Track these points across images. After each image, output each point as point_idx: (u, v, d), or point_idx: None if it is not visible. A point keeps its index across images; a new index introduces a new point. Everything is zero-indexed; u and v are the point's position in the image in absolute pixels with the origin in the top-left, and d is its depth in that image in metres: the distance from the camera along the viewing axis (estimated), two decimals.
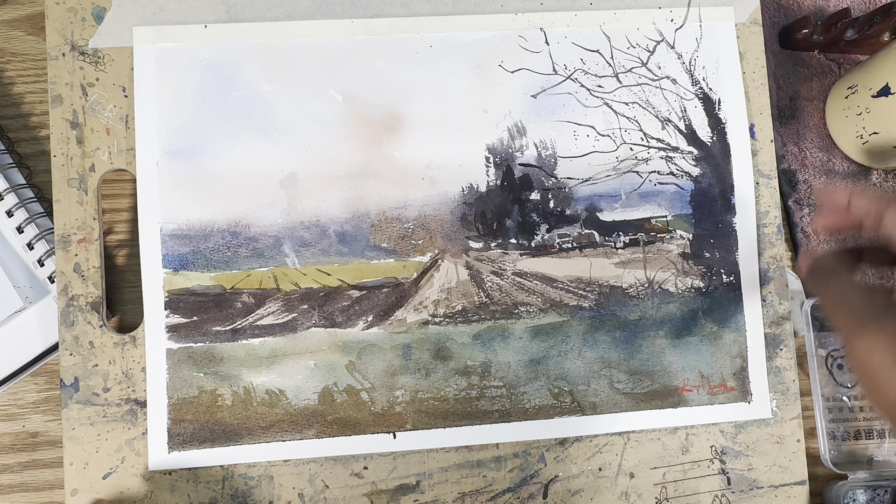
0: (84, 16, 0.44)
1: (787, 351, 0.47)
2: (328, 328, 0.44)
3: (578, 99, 0.47)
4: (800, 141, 0.51)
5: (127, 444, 0.43)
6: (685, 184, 0.47)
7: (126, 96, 0.44)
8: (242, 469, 0.43)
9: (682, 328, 0.46)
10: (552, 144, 0.47)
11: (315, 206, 0.45)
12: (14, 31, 0.47)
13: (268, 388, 0.44)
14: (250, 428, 0.43)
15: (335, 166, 0.45)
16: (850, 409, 0.48)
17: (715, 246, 0.47)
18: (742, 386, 0.46)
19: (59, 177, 0.44)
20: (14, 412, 0.45)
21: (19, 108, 0.47)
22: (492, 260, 0.46)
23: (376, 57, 0.46)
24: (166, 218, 0.44)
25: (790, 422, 0.46)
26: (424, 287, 0.45)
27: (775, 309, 0.47)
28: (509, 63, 0.47)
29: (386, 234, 0.45)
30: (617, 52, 0.47)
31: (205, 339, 0.44)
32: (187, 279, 0.44)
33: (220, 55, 0.45)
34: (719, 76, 0.48)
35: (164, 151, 0.44)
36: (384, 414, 0.44)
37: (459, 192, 0.46)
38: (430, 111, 0.46)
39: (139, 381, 0.43)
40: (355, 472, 0.44)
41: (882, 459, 0.48)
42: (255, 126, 0.45)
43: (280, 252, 0.45)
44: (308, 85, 0.45)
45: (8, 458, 0.45)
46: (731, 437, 0.46)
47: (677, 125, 0.47)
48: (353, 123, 0.46)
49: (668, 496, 0.45)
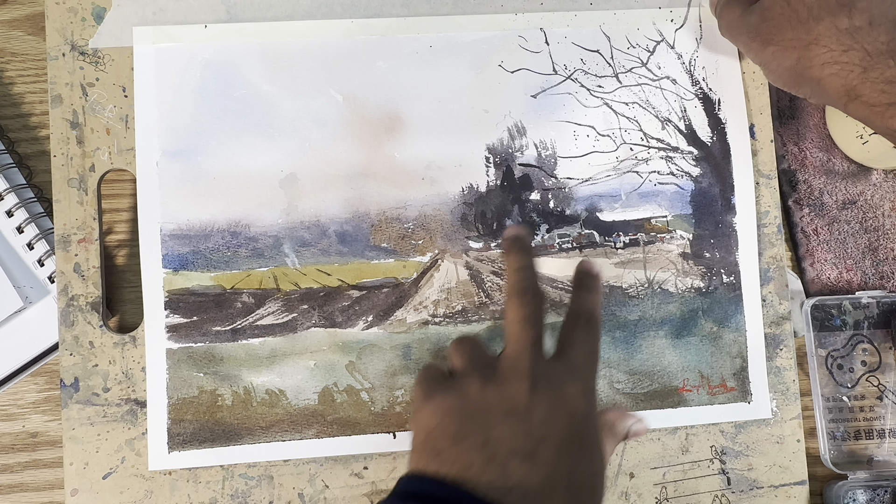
0: (84, 16, 0.44)
1: (787, 351, 0.47)
2: (328, 328, 0.44)
3: (578, 99, 0.47)
4: (800, 141, 0.51)
5: (127, 444, 0.43)
6: (685, 184, 0.47)
7: (126, 96, 0.44)
8: (242, 469, 0.43)
9: (682, 328, 0.46)
10: (552, 144, 0.47)
11: (315, 206, 0.45)
12: (14, 31, 0.48)
13: (268, 388, 0.44)
14: (250, 428, 0.43)
15: (335, 166, 0.45)
16: (850, 409, 0.48)
17: (715, 246, 0.47)
18: (742, 386, 0.46)
19: (59, 177, 0.44)
20: (14, 412, 0.45)
21: (19, 108, 0.47)
22: (492, 260, 0.46)
23: (376, 57, 0.46)
24: (166, 218, 0.44)
25: (790, 422, 0.46)
26: (424, 287, 0.45)
27: (775, 309, 0.47)
28: (509, 63, 0.47)
29: (386, 234, 0.45)
30: (617, 52, 0.47)
31: (205, 339, 0.44)
32: (187, 279, 0.44)
33: (219, 55, 0.45)
34: (719, 76, 0.48)
35: (164, 151, 0.44)
36: (384, 414, 0.44)
37: (459, 192, 0.46)
38: (430, 111, 0.46)
39: (139, 381, 0.43)
40: (355, 472, 0.44)
41: (882, 459, 0.48)
42: (255, 126, 0.45)
43: (280, 252, 0.45)
44: (308, 85, 0.45)
45: (8, 458, 0.45)
46: (731, 437, 0.46)
47: (677, 125, 0.47)
48: (353, 123, 0.46)
49: (668, 496, 0.45)
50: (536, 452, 0.30)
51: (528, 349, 0.33)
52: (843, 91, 0.36)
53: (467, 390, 0.32)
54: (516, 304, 0.34)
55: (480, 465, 0.29)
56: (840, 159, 0.51)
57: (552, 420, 0.31)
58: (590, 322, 0.36)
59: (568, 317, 0.36)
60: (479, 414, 0.31)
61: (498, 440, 0.30)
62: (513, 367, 0.32)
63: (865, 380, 0.48)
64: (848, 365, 0.48)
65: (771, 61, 0.39)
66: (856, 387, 0.48)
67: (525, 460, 0.29)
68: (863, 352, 0.49)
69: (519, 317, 0.34)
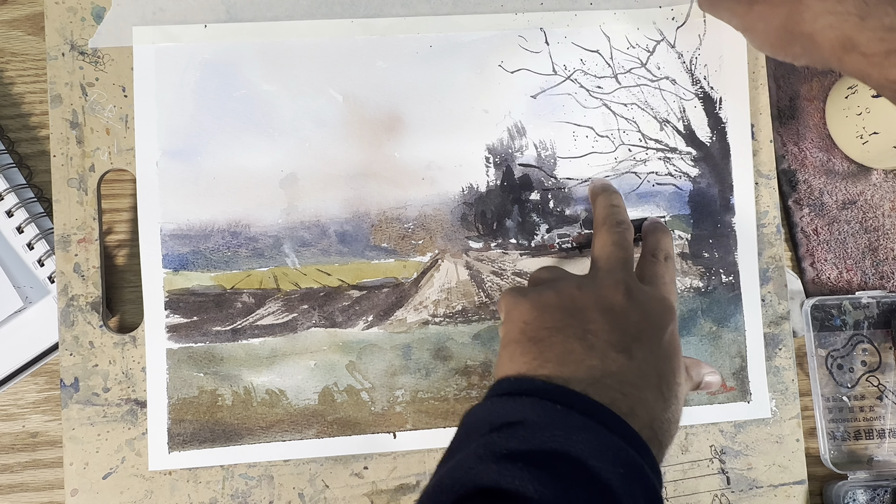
0: (84, 16, 0.44)
1: (786, 351, 0.47)
2: (328, 328, 0.44)
3: (578, 100, 0.47)
4: (800, 141, 0.51)
5: (127, 444, 0.43)
6: (683, 184, 0.47)
7: (126, 96, 0.44)
8: (242, 469, 0.43)
9: (682, 328, 0.46)
10: (552, 145, 0.47)
11: (315, 206, 0.45)
12: (14, 31, 0.48)
13: (268, 388, 0.44)
14: (250, 428, 0.43)
15: (335, 166, 0.45)
16: (850, 409, 0.48)
17: (714, 246, 0.47)
18: (741, 386, 0.46)
19: (59, 177, 0.44)
20: (14, 412, 0.45)
21: (19, 108, 0.47)
22: (492, 260, 0.46)
23: (376, 57, 0.46)
24: (166, 218, 0.44)
25: (789, 421, 0.46)
26: (424, 287, 0.45)
27: (774, 309, 0.47)
28: (509, 63, 0.47)
29: (386, 234, 0.45)
30: (616, 53, 0.47)
31: (205, 339, 0.44)
32: (187, 279, 0.44)
33: (219, 55, 0.45)
34: (722, 73, 0.48)
35: (164, 151, 0.44)
36: (384, 414, 0.44)
37: (459, 192, 0.46)
38: (430, 111, 0.46)
39: (139, 381, 0.43)
40: (355, 472, 0.44)
41: (882, 459, 0.48)
42: (255, 126, 0.45)
43: (280, 252, 0.45)
44: (308, 85, 0.45)
45: (8, 458, 0.45)
46: (730, 436, 0.46)
47: (676, 126, 0.47)
48: (353, 123, 0.46)
49: (667, 496, 0.45)
50: (631, 348, 0.31)
51: (621, 265, 0.35)
52: (839, 43, 0.34)
53: (564, 289, 0.33)
54: (609, 230, 0.37)
55: (581, 352, 0.31)
56: (840, 159, 0.51)
57: (644, 325, 0.32)
58: (668, 260, 0.39)
59: (645, 255, 0.39)
60: (577, 309, 0.32)
61: (596, 332, 0.31)
62: (608, 275, 0.34)
63: (865, 380, 0.48)
64: (848, 365, 0.48)
65: (757, 23, 0.38)
66: (856, 387, 0.48)
67: (622, 352, 0.31)
68: (863, 352, 0.49)
69: (611, 241, 0.36)
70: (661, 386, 0.31)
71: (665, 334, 0.33)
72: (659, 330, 0.33)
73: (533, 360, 0.31)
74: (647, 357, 0.31)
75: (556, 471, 0.26)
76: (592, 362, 0.30)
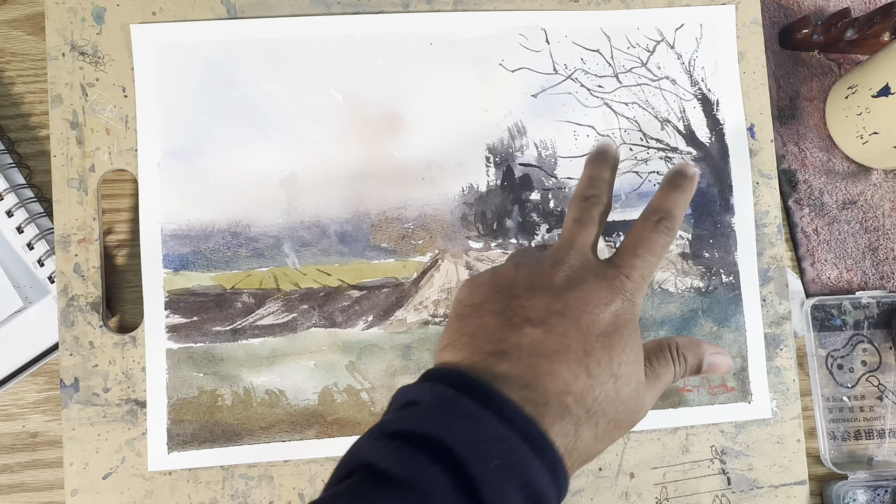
0: (84, 16, 0.44)
1: (787, 351, 0.47)
2: (328, 328, 0.44)
3: (578, 99, 0.47)
4: (800, 141, 0.51)
5: (127, 445, 0.43)
6: None
7: (126, 96, 0.44)
8: (242, 469, 0.43)
9: (682, 328, 0.46)
10: (552, 144, 0.47)
11: (315, 206, 0.45)
12: (14, 31, 0.47)
13: (268, 389, 0.44)
14: (250, 428, 0.43)
15: (335, 166, 0.45)
16: (850, 409, 0.48)
17: (714, 246, 0.47)
18: (742, 386, 0.46)
19: (59, 177, 0.44)
20: (14, 412, 0.45)
21: (19, 108, 0.47)
22: (492, 260, 0.46)
23: (376, 55, 0.46)
24: (167, 218, 0.44)
25: (790, 422, 0.46)
26: (424, 287, 0.45)
27: (775, 309, 0.47)
28: (510, 62, 0.47)
29: (386, 234, 0.45)
30: (617, 52, 0.47)
31: (205, 339, 0.44)
32: (187, 279, 0.44)
33: (220, 54, 0.45)
34: (718, 76, 0.48)
35: (165, 152, 0.44)
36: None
37: (459, 192, 0.46)
38: (430, 110, 0.46)
39: (139, 382, 0.43)
40: None
41: (882, 459, 0.48)
42: (256, 126, 0.45)
43: (280, 252, 0.45)
44: (308, 84, 0.45)
45: (8, 458, 0.45)
46: (731, 437, 0.46)
47: (676, 126, 0.47)
48: (353, 123, 0.46)
49: (668, 496, 0.45)
50: (551, 322, 0.30)
51: (571, 244, 0.33)
52: None
53: (502, 269, 0.33)
54: (574, 205, 0.35)
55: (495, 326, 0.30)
56: (840, 159, 0.51)
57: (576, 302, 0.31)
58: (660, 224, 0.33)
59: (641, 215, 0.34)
60: (505, 286, 0.32)
61: (517, 307, 0.31)
62: (554, 254, 0.33)
63: (865, 380, 0.48)
64: (848, 365, 0.48)
65: None
66: (856, 387, 0.48)
67: (538, 326, 0.30)
68: (863, 352, 0.49)
69: (572, 217, 0.34)
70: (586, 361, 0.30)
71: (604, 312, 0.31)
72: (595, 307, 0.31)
73: (451, 335, 0.31)
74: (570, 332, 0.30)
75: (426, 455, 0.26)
76: (503, 335, 0.30)
